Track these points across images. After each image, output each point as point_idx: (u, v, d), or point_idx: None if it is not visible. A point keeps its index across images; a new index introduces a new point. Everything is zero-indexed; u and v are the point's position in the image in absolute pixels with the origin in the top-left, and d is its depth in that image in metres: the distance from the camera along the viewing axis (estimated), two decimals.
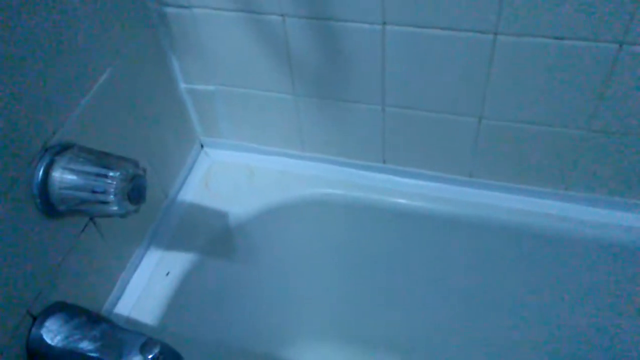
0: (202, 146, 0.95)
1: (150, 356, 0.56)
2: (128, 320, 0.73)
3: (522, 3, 0.60)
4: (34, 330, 0.59)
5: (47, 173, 0.56)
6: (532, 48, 0.63)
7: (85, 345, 0.58)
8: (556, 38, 0.62)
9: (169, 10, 0.74)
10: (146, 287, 0.77)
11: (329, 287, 1.02)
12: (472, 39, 0.64)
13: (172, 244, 0.82)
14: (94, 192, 0.56)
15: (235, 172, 0.92)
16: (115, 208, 0.56)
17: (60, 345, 0.58)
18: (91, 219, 0.67)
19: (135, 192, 0.58)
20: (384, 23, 0.66)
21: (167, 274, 0.79)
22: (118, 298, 0.74)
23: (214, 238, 0.86)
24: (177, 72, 0.83)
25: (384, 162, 0.86)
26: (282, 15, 0.69)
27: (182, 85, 0.85)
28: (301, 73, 0.76)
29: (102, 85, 0.66)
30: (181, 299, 0.79)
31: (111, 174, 0.56)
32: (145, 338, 0.58)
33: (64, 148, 0.58)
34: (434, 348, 1.06)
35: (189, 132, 0.91)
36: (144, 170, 0.60)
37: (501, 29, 0.62)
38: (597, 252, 0.79)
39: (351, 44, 0.70)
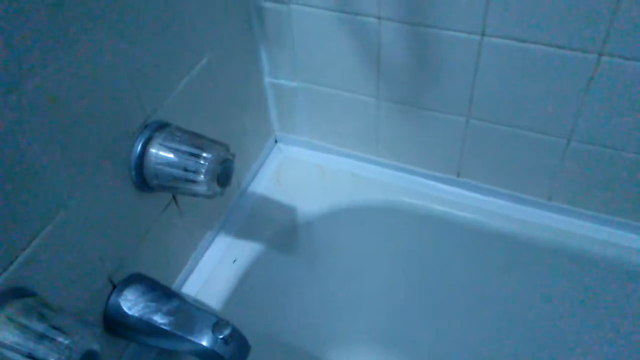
0: (276, 141, 0.97)
1: (221, 336, 0.57)
2: (195, 301, 0.74)
3: (633, 26, 0.58)
4: (112, 297, 0.61)
5: (145, 148, 0.58)
6: (638, 73, 0.61)
7: (159, 318, 0.60)
8: None
9: (267, 4, 0.76)
10: (213, 271, 0.78)
11: (385, 294, 1.01)
12: (573, 57, 0.63)
13: (241, 232, 0.84)
14: (186, 170, 0.58)
15: (307, 169, 0.93)
16: (204, 188, 0.58)
17: (136, 314, 0.60)
18: (174, 197, 0.69)
19: (223, 175, 0.60)
20: (483, 34, 0.66)
21: (234, 261, 0.80)
22: (187, 277, 0.76)
23: (280, 232, 0.87)
24: (265, 65, 0.85)
25: (458, 175, 0.85)
26: (378, 18, 0.70)
27: (267, 79, 0.87)
28: (388, 77, 0.76)
29: (199, 71, 0.68)
30: (244, 287, 0.80)
31: (204, 154, 0.58)
32: (217, 318, 0.59)
33: (161, 126, 0.61)
34: None
35: (266, 126, 0.93)
36: (233, 156, 0.61)
37: (607, 50, 0.61)
38: None
39: (445, 52, 0.69)
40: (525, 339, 0.93)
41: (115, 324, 0.61)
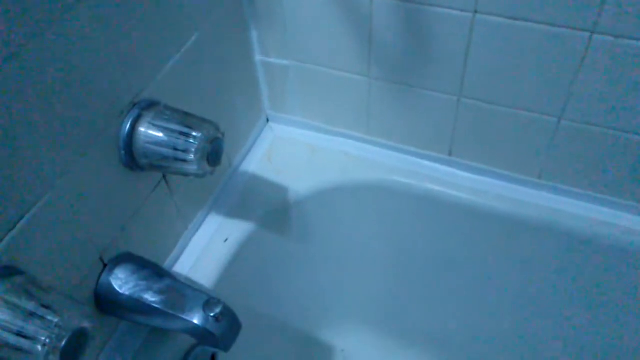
0: (267, 120, 0.96)
1: (212, 314, 0.58)
2: (186, 280, 0.75)
3: (625, 4, 0.58)
4: (103, 276, 0.61)
5: (133, 127, 0.58)
6: (629, 51, 0.61)
7: (150, 297, 0.60)
8: None
9: None
10: (205, 250, 0.78)
11: (376, 274, 1.02)
12: (566, 35, 0.63)
13: (232, 212, 0.84)
14: (175, 149, 0.57)
15: (298, 149, 0.93)
16: (194, 167, 0.58)
17: (127, 293, 0.60)
18: (164, 177, 0.69)
19: (213, 154, 0.59)
20: (476, 11, 0.65)
21: (226, 240, 0.80)
22: (178, 257, 0.76)
23: (272, 211, 0.87)
24: (255, 44, 0.84)
25: (450, 154, 0.85)
26: None
27: (258, 57, 0.86)
28: (379, 55, 0.76)
29: (188, 49, 0.67)
30: (236, 266, 0.80)
31: (194, 133, 0.57)
32: (208, 296, 0.59)
33: (150, 104, 0.60)
34: (472, 349, 1.05)
35: (257, 105, 0.92)
36: (223, 134, 0.61)
37: (599, 28, 0.60)
38: None
39: (437, 30, 0.69)
40: (519, 316, 0.95)
41: (107, 303, 0.61)
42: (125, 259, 0.63)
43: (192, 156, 0.57)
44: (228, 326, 0.59)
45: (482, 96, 0.74)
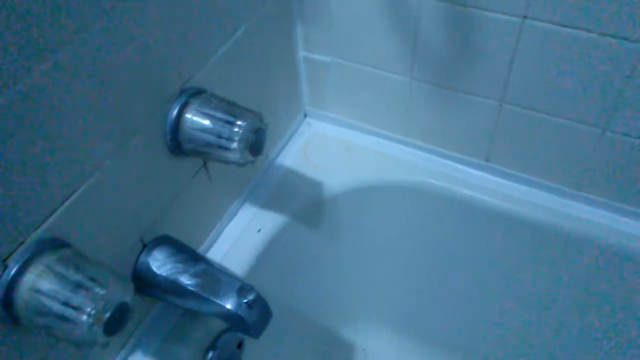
0: (305, 115, 0.97)
1: (245, 300, 0.59)
2: (219, 266, 0.76)
3: None
4: (142, 256, 0.63)
5: (181, 113, 0.60)
6: None
7: (186, 279, 0.61)
8: None
9: None
10: (238, 239, 0.80)
11: (402, 275, 1.02)
12: (615, 45, 0.62)
13: (267, 203, 0.85)
14: (220, 137, 0.59)
15: (334, 146, 0.93)
16: (236, 156, 0.59)
17: (164, 274, 0.62)
18: (204, 164, 0.70)
19: (256, 144, 0.60)
20: (525, 17, 0.64)
21: (259, 230, 0.82)
22: (212, 243, 0.78)
23: (305, 206, 0.88)
24: (299, 39, 0.85)
25: (487, 160, 0.84)
26: None
27: (301, 53, 0.87)
28: (424, 57, 0.76)
29: (236, 40, 0.69)
30: (267, 257, 0.81)
31: (239, 122, 0.59)
32: (241, 283, 0.61)
33: (197, 92, 0.62)
34: (496, 354, 1.04)
35: (296, 100, 0.93)
36: (266, 125, 0.62)
37: None
38: None
39: (484, 34, 0.69)
40: (543, 325, 0.93)
41: (144, 282, 0.63)
42: (164, 241, 0.64)
43: (235, 144, 0.59)
44: (259, 313, 0.60)
45: (524, 103, 0.73)
